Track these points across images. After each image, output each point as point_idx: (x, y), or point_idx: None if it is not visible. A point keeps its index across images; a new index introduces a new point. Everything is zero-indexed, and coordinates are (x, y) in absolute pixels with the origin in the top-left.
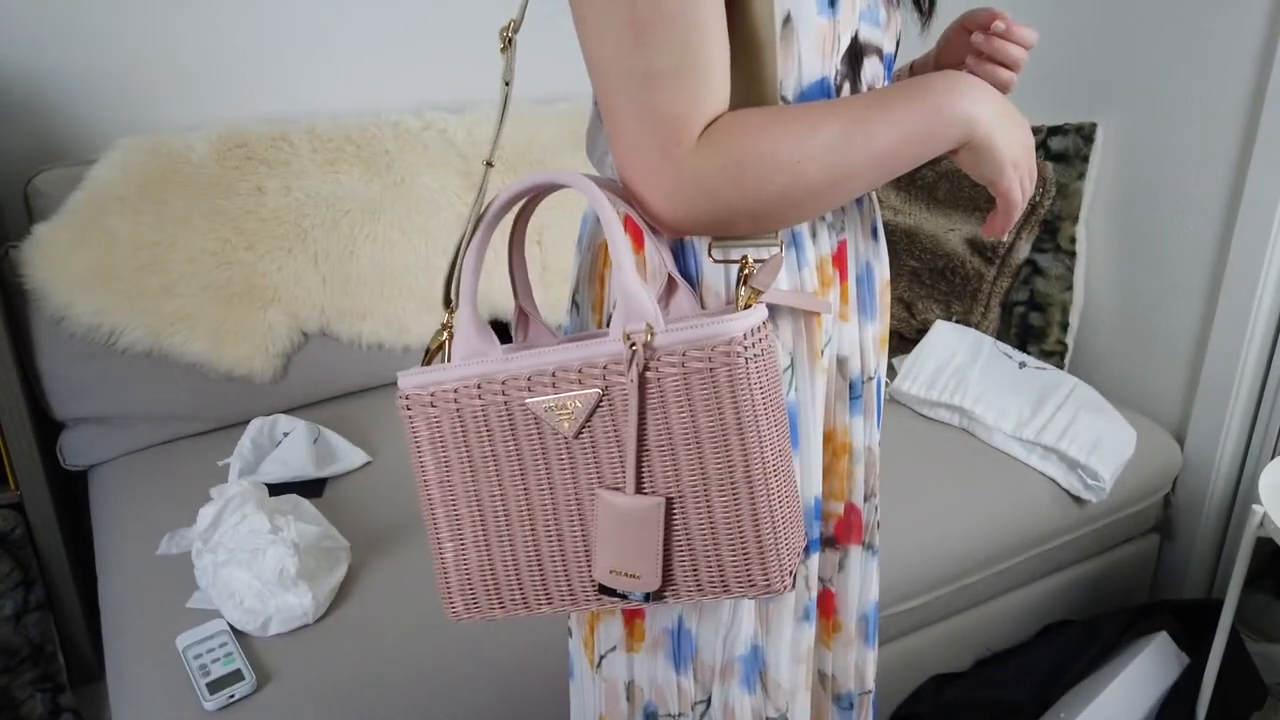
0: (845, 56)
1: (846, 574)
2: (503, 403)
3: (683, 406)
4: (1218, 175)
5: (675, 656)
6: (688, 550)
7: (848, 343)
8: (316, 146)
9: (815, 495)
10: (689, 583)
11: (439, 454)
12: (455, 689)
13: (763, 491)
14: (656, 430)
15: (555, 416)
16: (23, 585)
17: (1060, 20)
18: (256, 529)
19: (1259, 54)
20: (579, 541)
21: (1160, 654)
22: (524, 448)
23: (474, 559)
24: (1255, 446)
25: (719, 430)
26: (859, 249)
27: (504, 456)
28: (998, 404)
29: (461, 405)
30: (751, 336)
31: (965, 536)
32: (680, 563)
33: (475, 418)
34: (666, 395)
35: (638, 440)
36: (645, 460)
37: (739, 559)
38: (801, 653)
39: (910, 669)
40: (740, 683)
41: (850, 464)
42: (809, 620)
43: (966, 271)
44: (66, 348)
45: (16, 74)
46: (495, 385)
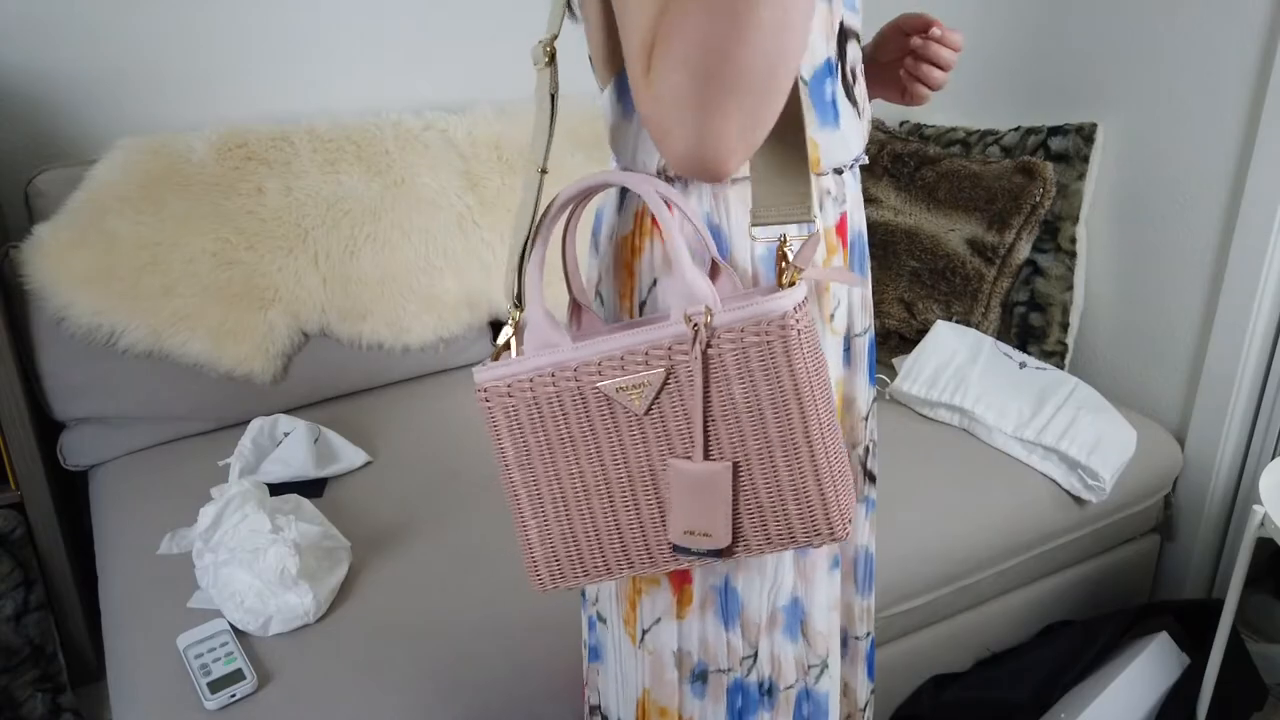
0: (836, 41)
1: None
2: (576, 388)
3: (744, 379)
4: (1218, 175)
5: (724, 614)
6: (756, 508)
7: (846, 304)
8: (317, 146)
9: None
10: (759, 536)
11: (517, 439)
12: (456, 689)
13: (821, 449)
14: (720, 401)
15: (626, 396)
16: (23, 585)
17: (1060, 20)
18: (257, 529)
19: (1259, 54)
20: (654, 508)
21: (1161, 654)
22: (598, 427)
23: (556, 533)
24: (1256, 446)
25: (779, 398)
26: (854, 217)
27: (579, 437)
28: (998, 404)
29: (537, 393)
30: (799, 310)
31: (965, 536)
32: (750, 520)
33: (550, 403)
34: (729, 369)
35: (704, 411)
36: (712, 429)
37: (805, 511)
38: (835, 598)
39: (910, 669)
40: (783, 632)
41: (843, 414)
42: (837, 567)
43: (967, 272)
44: (67, 348)
45: (16, 74)
46: (568, 372)
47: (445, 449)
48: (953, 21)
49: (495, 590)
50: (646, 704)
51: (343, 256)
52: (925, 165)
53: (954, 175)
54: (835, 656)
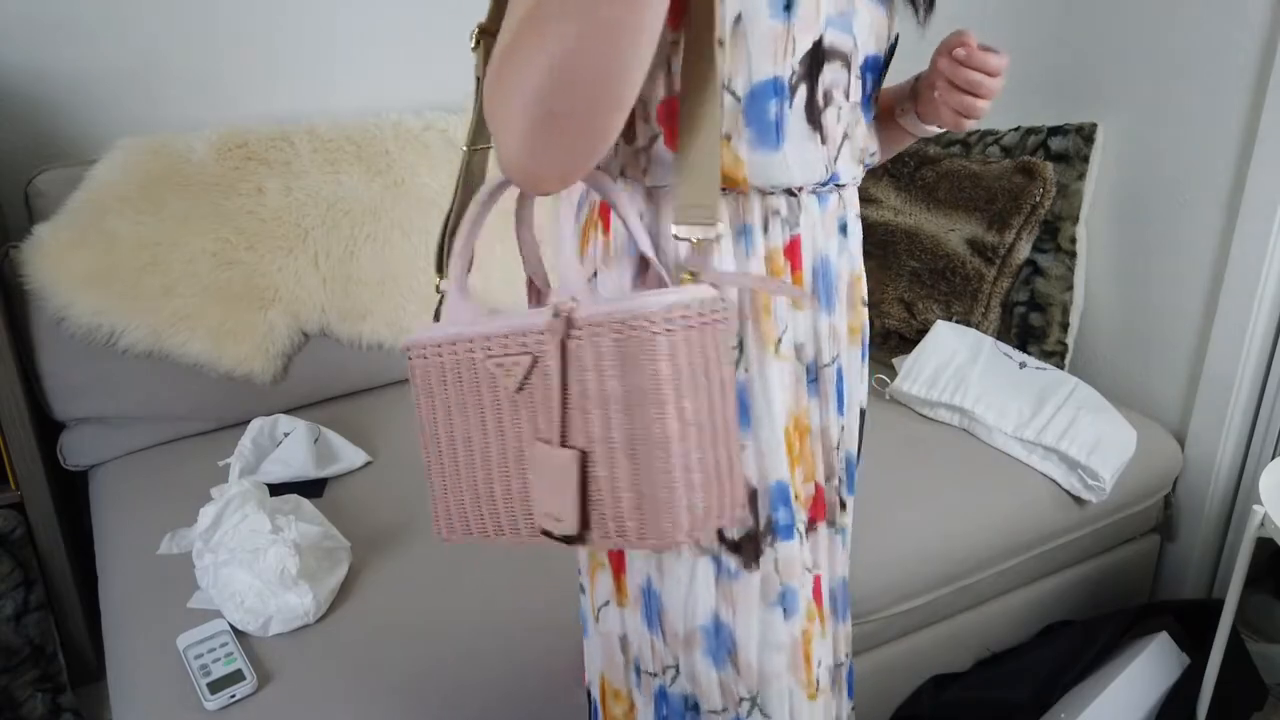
0: (805, 59)
1: (819, 553)
2: (470, 360)
3: (601, 372)
4: (1218, 175)
5: (647, 615)
6: (600, 500)
7: (803, 330)
8: (317, 146)
9: (779, 479)
10: (605, 529)
11: (428, 400)
12: (456, 689)
13: (662, 454)
14: (578, 392)
15: (503, 374)
16: (23, 585)
17: (1061, 21)
18: (257, 529)
19: (1260, 54)
20: (522, 484)
21: (1160, 654)
22: (484, 399)
23: (451, 490)
24: (1256, 446)
25: (632, 395)
26: (816, 243)
27: (470, 405)
28: (998, 404)
29: (444, 359)
30: (673, 312)
31: (965, 536)
32: (596, 510)
33: (452, 370)
34: (585, 361)
35: (562, 400)
36: (569, 418)
37: (647, 511)
38: (778, 640)
39: (910, 669)
40: (703, 654)
41: (809, 445)
42: (790, 610)
43: (967, 272)
44: (67, 348)
45: (17, 74)
46: (464, 344)
47: None
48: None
49: (495, 590)
50: (604, 683)
51: (343, 256)
52: (925, 165)
53: (954, 175)
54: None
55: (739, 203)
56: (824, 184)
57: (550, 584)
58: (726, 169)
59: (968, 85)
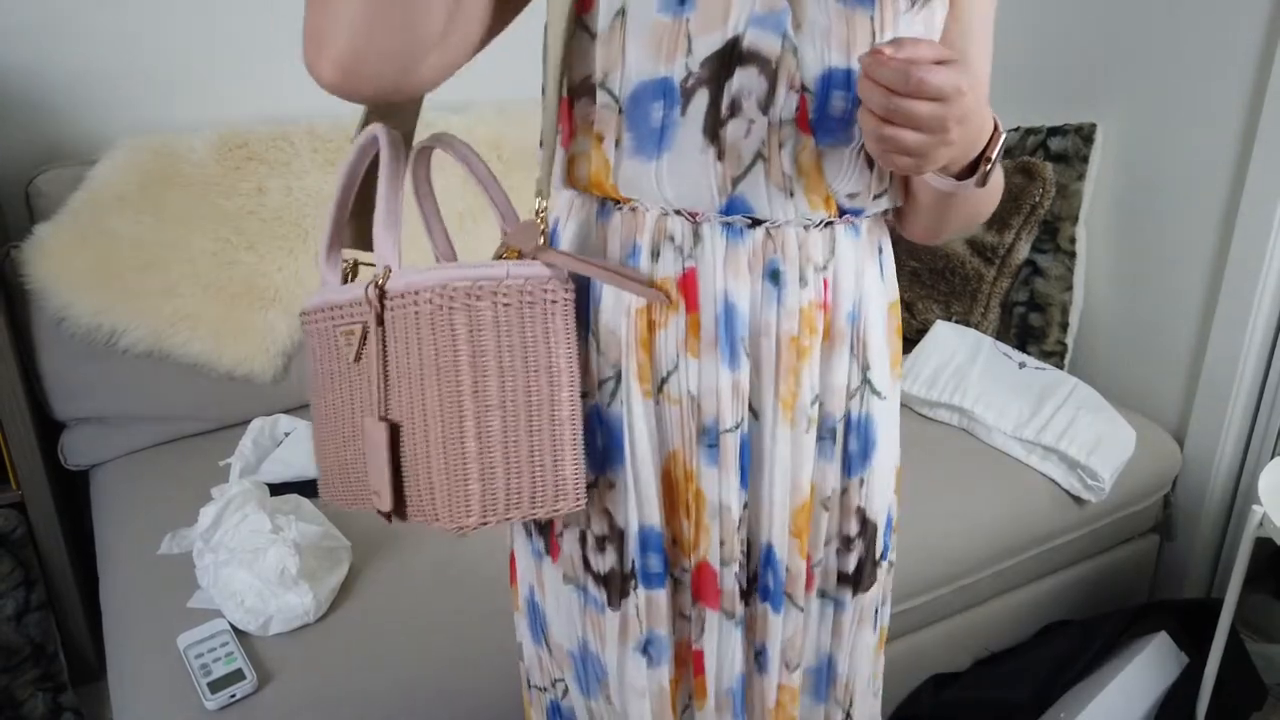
0: (709, 61)
1: (706, 637)
2: (329, 328)
3: (409, 344)
4: (1218, 175)
5: (533, 627)
6: (415, 475)
7: (696, 380)
8: (317, 146)
9: (649, 524)
10: (419, 506)
11: (313, 363)
12: (456, 688)
13: (456, 432)
14: (395, 363)
15: (345, 344)
16: (24, 585)
17: (1061, 20)
18: (257, 529)
19: (1259, 54)
20: (360, 455)
21: (1160, 654)
22: (338, 368)
23: (321, 455)
24: (1255, 446)
25: (435, 369)
26: (717, 283)
27: (332, 374)
28: (997, 404)
29: (317, 326)
30: (481, 286)
31: (965, 536)
32: (411, 486)
33: (319, 338)
34: (404, 332)
35: (381, 371)
36: (390, 390)
37: (443, 490)
38: (639, 685)
39: (910, 669)
40: (574, 678)
41: (705, 519)
42: (655, 659)
43: (966, 272)
44: (67, 348)
45: (17, 74)
46: (324, 312)
47: None
48: None
49: (495, 590)
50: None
51: None
52: None
53: None
54: None
55: (631, 219)
56: (726, 212)
57: None
58: (594, 173)
59: (889, 113)
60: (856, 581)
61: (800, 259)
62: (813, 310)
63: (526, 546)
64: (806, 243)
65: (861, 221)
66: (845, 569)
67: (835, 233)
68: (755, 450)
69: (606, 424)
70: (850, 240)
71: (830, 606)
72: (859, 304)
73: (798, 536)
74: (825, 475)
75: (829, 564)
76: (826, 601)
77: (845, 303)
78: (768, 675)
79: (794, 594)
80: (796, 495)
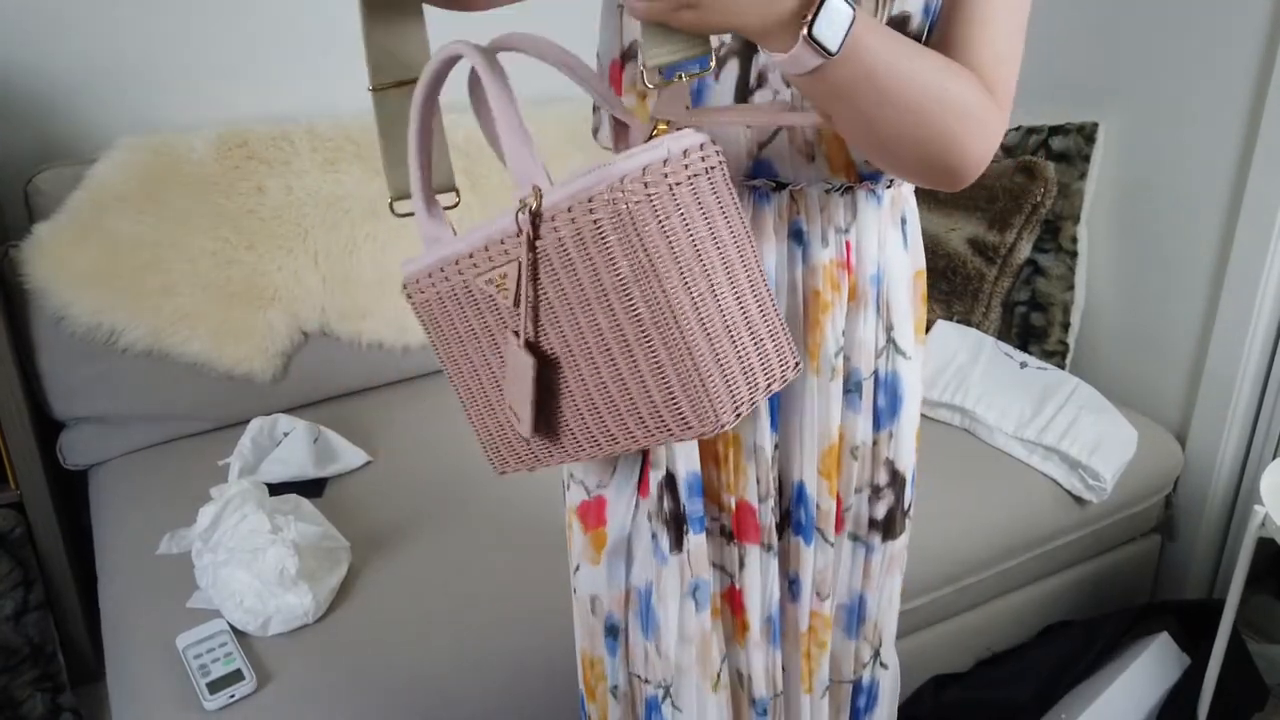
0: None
1: (747, 573)
2: (461, 282)
3: (586, 263)
4: (1219, 174)
5: (627, 564)
6: (613, 405)
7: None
8: (317, 146)
9: (693, 468)
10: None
11: (439, 334)
12: (456, 689)
13: (678, 336)
14: (569, 289)
15: (497, 290)
16: (23, 585)
17: (1062, 20)
18: (257, 529)
19: (1261, 53)
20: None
21: (1161, 655)
22: (489, 320)
23: (489, 421)
24: (1257, 447)
25: (626, 280)
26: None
27: (480, 331)
28: (999, 404)
29: (439, 288)
30: (650, 173)
31: (966, 537)
32: (604, 417)
33: (451, 298)
34: (570, 254)
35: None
36: (553, 320)
37: (682, 401)
38: (688, 633)
39: (911, 669)
40: (637, 616)
41: (741, 460)
42: (700, 604)
43: (967, 271)
44: (67, 347)
45: (17, 73)
46: (451, 267)
47: (445, 449)
48: None
49: (495, 590)
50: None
51: (342, 256)
52: None
53: None
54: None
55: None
56: (753, 175)
57: (551, 585)
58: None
59: None
60: (886, 528)
61: (822, 220)
62: (834, 268)
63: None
64: (828, 205)
65: (883, 190)
66: (876, 515)
67: (857, 199)
68: (784, 397)
69: None
70: (872, 207)
71: (861, 549)
72: (883, 268)
73: (827, 477)
74: (855, 426)
75: (860, 510)
76: (858, 545)
77: (868, 265)
78: (800, 602)
79: (824, 529)
80: (825, 438)
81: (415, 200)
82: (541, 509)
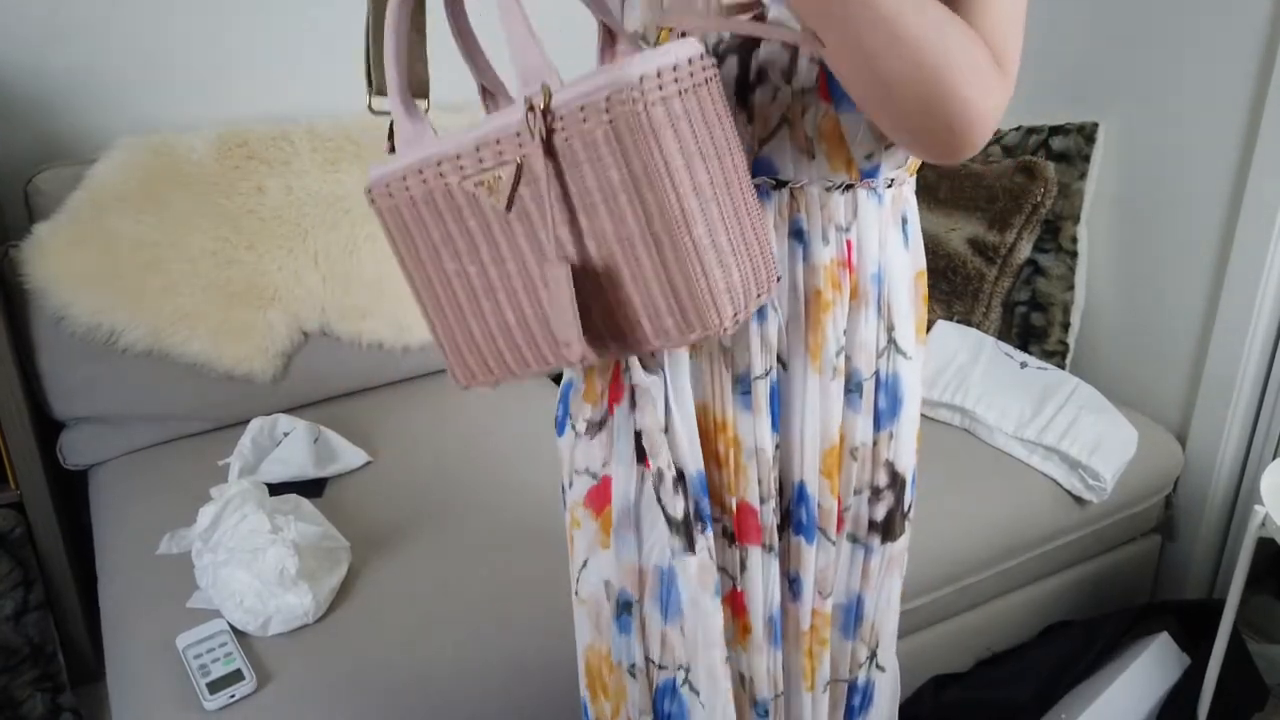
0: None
1: (749, 575)
2: (443, 185)
3: (596, 165)
4: (1219, 174)
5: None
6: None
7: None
8: (317, 146)
9: (698, 468)
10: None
11: (406, 240)
12: (456, 689)
13: (685, 237)
14: (576, 193)
15: (486, 194)
16: (23, 585)
17: (1062, 20)
18: (257, 529)
19: (1261, 53)
20: (538, 306)
21: (1161, 655)
22: (471, 225)
23: (458, 333)
24: (1257, 447)
25: (637, 180)
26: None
27: (458, 236)
28: (999, 404)
29: (413, 192)
30: (663, 76)
31: (966, 537)
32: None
33: (426, 203)
34: (578, 156)
35: (560, 205)
36: (572, 225)
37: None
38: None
39: (911, 669)
40: (653, 599)
41: (742, 460)
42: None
43: (968, 271)
44: (67, 347)
45: (17, 73)
46: (433, 169)
47: (445, 449)
48: None
49: (495, 590)
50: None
51: (342, 256)
52: (926, 165)
53: (955, 175)
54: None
55: None
56: (753, 173)
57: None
58: None
59: None
60: (886, 530)
61: (822, 219)
62: (835, 267)
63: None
64: (829, 203)
65: (884, 189)
66: (875, 517)
67: (857, 197)
68: (786, 397)
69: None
70: (873, 205)
71: (860, 551)
72: (884, 267)
73: (828, 477)
74: (855, 427)
75: (860, 511)
76: (857, 546)
77: (869, 264)
78: (802, 601)
79: (826, 529)
80: (826, 438)
81: (392, 99)
82: (542, 509)
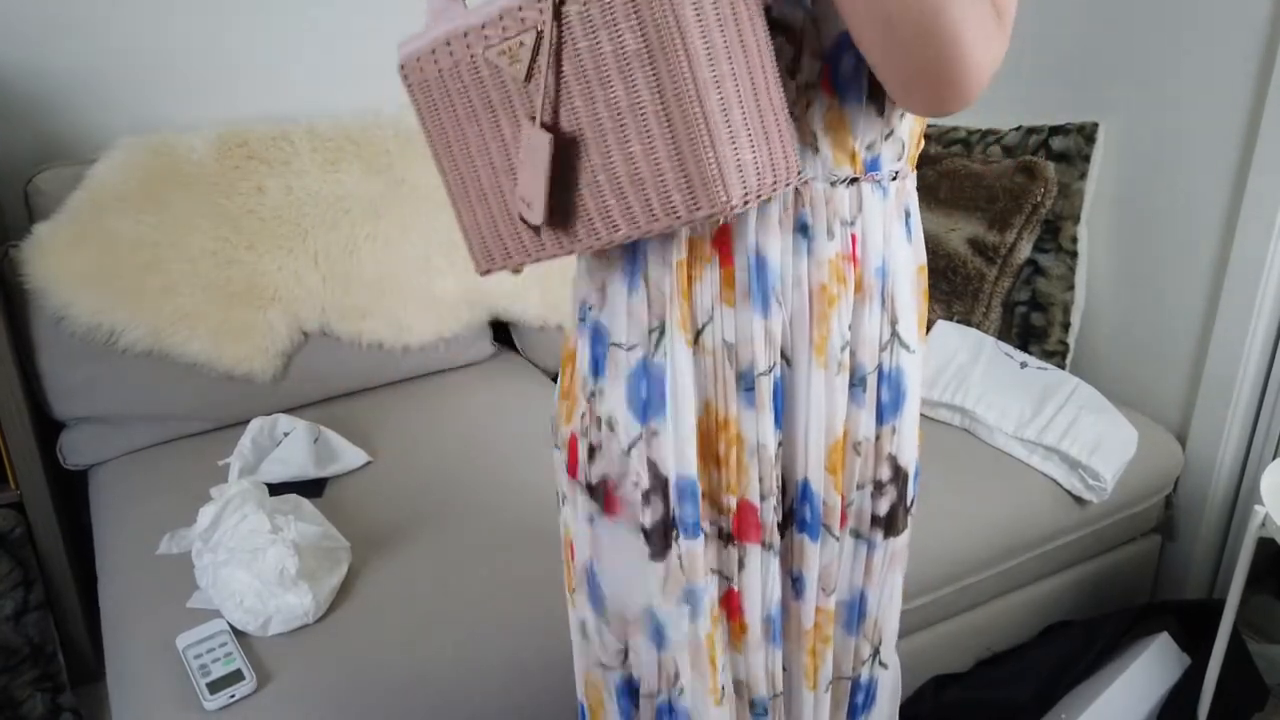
0: None
1: (746, 573)
2: (469, 57)
3: (612, 30)
4: (1219, 174)
5: (594, 599)
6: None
7: (733, 329)
8: (317, 146)
9: (687, 474)
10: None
11: (433, 117)
12: (456, 689)
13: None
14: (579, 62)
15: (508, 63)
16: (23, 585)
17: (1062, 20)
18: (257, 529)
19: (1261, 53)
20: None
21: (1161, 655)
22: (494, 98)
23: (481, 215)
24: (1257, 447)
25: (652, 48)
26: (749, 238)
27: (481, 110)
28: (999, 404)
29: (441, 65)
30: None
31: (966, 537)
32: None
33: (454, 76)
34: (596, 23)
35: (556, 73)
36: (568, 94)
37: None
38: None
39: (911, 669)
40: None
41: (743, 458)
42: (695, 611)
43: (968, 271)
44: (66, 347)
45: (17, 73)
46: (461, 40)
47: (445, 449)
48: None
49: (495, 590)
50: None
51: (342, 256)
52: (926, 164)
53: (955, 175)
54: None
55: None
56: None
57: (551, 585)
58: None
59: None
60: (889, 525)
61: (827, 213)
62: (841, 262)
63: (582, 515)
64: (833, 198)
65: (888, 183)
66: (878, 512)
67: (862, 192)
68: (790, 393)
69: (651, 375)
70: (877, 199)
71: (863, 546)
72: (887, 261)
73: (833, 473)
74: (858, 421)
75: (862, 506)
76: (860, 542)
77: (873, 258)
78: (805, 599)
79: (830, 525)
80: (830, 434)
81: None
82: (542, 509)
